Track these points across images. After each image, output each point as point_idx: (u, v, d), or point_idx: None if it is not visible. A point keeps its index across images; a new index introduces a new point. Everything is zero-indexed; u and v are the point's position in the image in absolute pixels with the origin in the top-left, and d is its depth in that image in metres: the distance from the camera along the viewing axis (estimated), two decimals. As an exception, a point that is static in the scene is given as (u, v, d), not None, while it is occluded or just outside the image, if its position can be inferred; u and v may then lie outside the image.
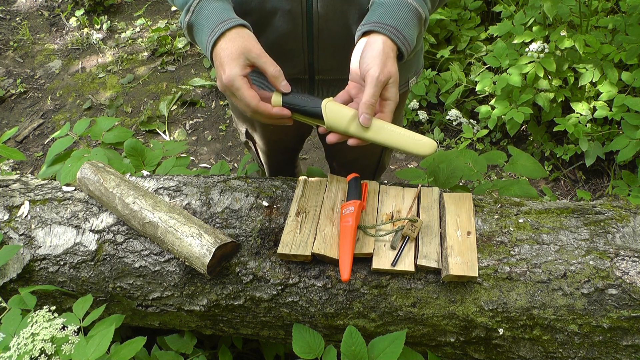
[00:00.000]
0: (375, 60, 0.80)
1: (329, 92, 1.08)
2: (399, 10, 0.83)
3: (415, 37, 0.85)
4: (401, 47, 0.83)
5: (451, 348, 1.05)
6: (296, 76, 1.06)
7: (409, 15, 0.83)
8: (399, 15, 0.82)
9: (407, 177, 1.43)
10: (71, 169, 1.29)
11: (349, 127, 0.86)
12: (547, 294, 0.94)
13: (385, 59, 0.80)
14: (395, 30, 0.82)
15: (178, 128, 2.85)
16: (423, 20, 0.85)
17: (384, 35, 0.82)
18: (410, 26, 0.83)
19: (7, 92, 3.21)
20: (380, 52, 0.80)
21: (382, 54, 0.80)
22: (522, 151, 1.47)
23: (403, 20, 0.82)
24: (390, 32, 0.82)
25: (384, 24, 0.82)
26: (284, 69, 1.05)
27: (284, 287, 1.02)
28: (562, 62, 2.04)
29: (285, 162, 1.60)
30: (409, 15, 0.83)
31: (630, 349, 0.94)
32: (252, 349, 1.49)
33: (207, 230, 1.01)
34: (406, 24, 0.83)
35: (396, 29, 0.82)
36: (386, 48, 0.81)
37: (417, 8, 0.83)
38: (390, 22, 0.82)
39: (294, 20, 0.94)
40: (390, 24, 0.82)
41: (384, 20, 0.82)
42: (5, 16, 3.84)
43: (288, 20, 0.94)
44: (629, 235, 0.98)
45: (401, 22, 0.82)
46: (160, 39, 3.36)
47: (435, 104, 2.62)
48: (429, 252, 0.98)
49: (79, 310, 1.02)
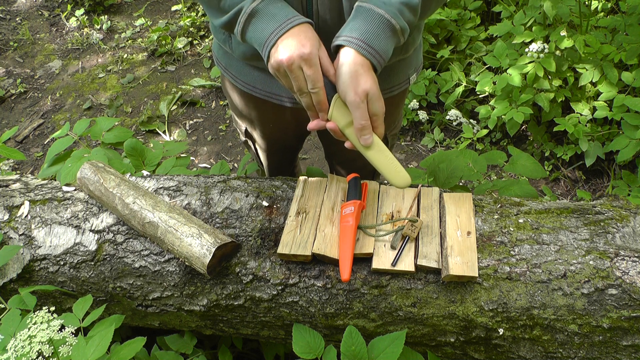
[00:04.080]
0: (349, 85, 0.81)
1: None
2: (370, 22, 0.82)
3: (389, 48, 0.84)
4: (372, 60, 0.82)
5: (451, 348, 1.05)
6: None
7: (380, 27, 0.82)
8: (368, 28, 0.82)
9: (407, 177, 1.42)
10: (71, 169, 1.29)
11: (347, 128, 0.88)
12: (547, 294, 0.94)
13: (357, 78, 0.81)
14: (364, 43, 0.81)
15: (178, 128, 2.86)
16: (398, 30, 0.84)
17: (352, 50, 0.81)
18: (382, 39, 0.82)
19: (7, 92, 3.21)
20: (350, 73, 0.81)
21: (352, 74, 0.81)
22: (522, 151, 1.47)
23: (373, 33, 0.82)
24: (359, 46, 0.81)
25: (353, 37, 0.82)
26: None
27: (284, 287, 1.02)
28: (562, 62, 2.04)
29: (285, 161, 1.60)
30: (380, 27, 0.82)
31: (630, 349, 0.94)
32: (252, 349, 1.49)
33: (207, 230, 1.01)
34: (377, 36, 0.82)
35: (365, 42, 0.81)
36: (356, 65, 0.81)
37: (390, 20, 0.82)
38: (359, 35, 0.81)
39: None
40: (360, 37, 0.81)
41: (354, 34, 0.82)
42: (5, 16, 3.84)
43: None
44: (629, 235, 0.98)
45: (371, 35, 0.81)
46: (160, 39, 3.36)
47: (435, 104, 2.62)
48: (429, 252, 0.98)
49: (78, 311, 1.02)
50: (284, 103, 1.14)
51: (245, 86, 1.17)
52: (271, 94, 1.14)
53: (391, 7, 0.83)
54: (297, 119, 1.28)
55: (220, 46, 1.15)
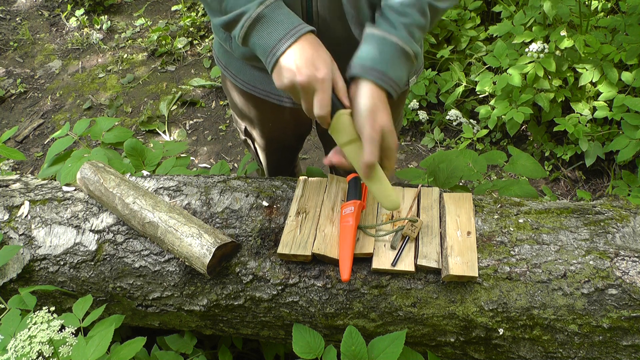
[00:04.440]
0: (367, 120, 0.81)
1: None
2: (385, 51, 0.82)
3: (404, 76, 0.84)
4: (389, 90, 0.83)
5: (451, 348, 1.05)
6: None
7: (395, 55, 0.82)
8: (384, 57, 0.82)
9: (407, 177, 1.43)
10: (71, 169, 1.29)
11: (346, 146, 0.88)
12: (547, 294, 0.94)
13: (374, 113, 0.81)
14: (381, 74, 0.81)
15: (178, 128, 2.86)
16: (412, 56, 0.84)
17: (370, 82, 0.82)
18: (397, 66, 0.82)
19: (7, 92, 3.21)
20: (368, 107, 0.81)
21: (370, 109, 0.81)
22: (522, 151, 1.47)
23: (389, 63, 0.82)
24: (377, 78, 0.81)
25: (370, 68, 0.82)
26: None
27: (284, 287, 1.02)
28: (562, 62, 2.04)
29: (285, 160, 1.60)
30: (395, 55, 0.82)
31: (630, 349, 0.94)
32: (252, 349, 1.49)
33: (207, 230, 1.01)
34: (392, 64, 0.82)
35: (382, 73, 0.81)
36: (374, 99, 0.81)
37: (404, 47, 0.82)
38: (376, 65, 0.82)
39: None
40: (376, 68, 0.81)
41: (370, 64, 0.82)
42: (5, 16, 3.84)
43: None
44: (629, 235, 0.98)
45: (387, 64, 0.82)
46: (160, 39, 3.36)
47: (435, 104, 2.62)
48: (429, 252, 0.98)
49: (78, 311, 1.02)
50: (284, 103, 1.14)
51: (245, 85, 1.17)
52: (270, 94, 1.14)
53: (402, 32, 0.82)
54: (297, 118, 1.28)
55: (220, 44, 1.15)
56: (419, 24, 0.84)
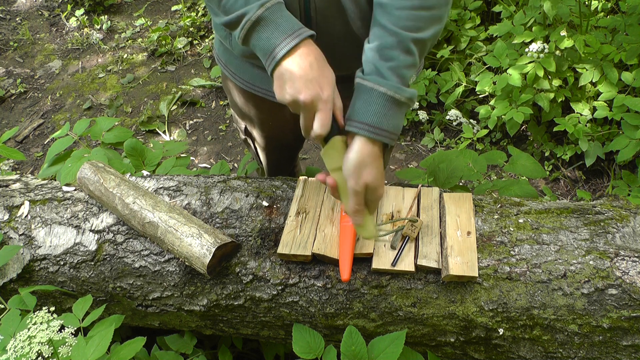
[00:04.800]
0: (352, 173, 0.83)
1: None
2: (375, 103, 0.81)
3: (398, 122, 0.84)
4: (384, 140, 0.83)
5: (451, 348, 1.05)
6: None
7: (386, 106, 0.82)
8: (375, 110, 0.81)
9: (407, 177, 1.43)
10: (71, 169, 1.29)
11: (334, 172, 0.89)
12: (547, 294, 0.94)
13: (360, 169, 0.83)
14: (373, 127, 0.82)
15: (178, 128, 2.85)
16: (405, 102, 0.83)
17: (362, 137, 0.82)
18: (390, 116, 0.82)
19: (7, 92, 3.21)
20: (355, 162, 0.83)
21: (357, 164, 0.83)
22: (522, 151, 1.47)
23: (381, 114, 0.81)
24: (369, 132, 0.82)
25: (361, 123, 0.82)
26: None
27: (284, 287, 1.02)
28: (562, 62, 2.04)
29: (284, 160, 1.60)
30: (386, 106, 0.82)
31: (630, 349, 0.94)
32: (252, 349, 1.49)
33: (207, 230, 1.01)
34: (385, 116, 0.82)
35: (374, 127, 0.82)
36: (363, 155, 0.82)
37: (394, 96, 0.81)
38: (367, 119, 0.82)
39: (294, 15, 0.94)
40: (367, 122, 0.81)
41: (362, 118, 0.82)
42: (5, 16, 3.84)
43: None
44: (629, 235, 0.98)
45: (378, 117, 0.81)
46: (160, 39, 3.36)
47: (435, 104, 2.62)
48: (429, 252, 0.98)
49: (78, 311, 1.02)
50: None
51: (244, 83, 1.17)
52: (269, 92, 1.14)
53: (391, 79, 0.81)
54: (296, 118, 1.27)
55: (221, 43, 1.15)
56: (407, 63, 0.82)
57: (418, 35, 0.82)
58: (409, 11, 0.81)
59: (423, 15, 0.82)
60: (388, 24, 0.82)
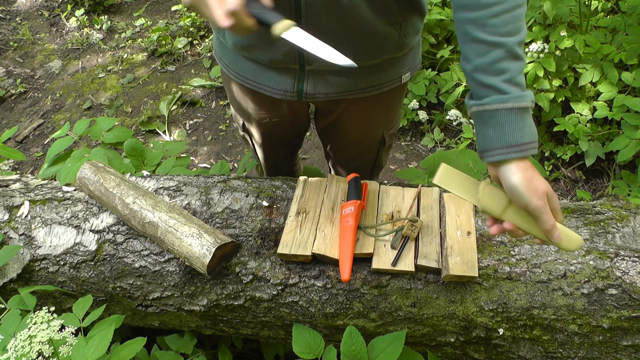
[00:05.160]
0: (529, 194, 0.76)
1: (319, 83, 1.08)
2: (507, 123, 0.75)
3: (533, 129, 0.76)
4: (531, 153, 0.76)
5: (451, 348, 1.05)
6: (287, 65, 1.07)
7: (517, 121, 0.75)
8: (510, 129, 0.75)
9: (407, 177, 1.43)
10: (71, 169, 1.29)
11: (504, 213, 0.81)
12: (547, 294, 0.94)
13: (531, 184, 0.76)
14: (516, 147, 0.75)
15: (178, 128, 2.85)
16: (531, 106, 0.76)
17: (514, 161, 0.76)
18: (525, 127, 0.75)
19: (7, 92, 3.21)
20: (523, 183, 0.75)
21: (526, 183, 0.75)
22: (522, 151, 1.47)
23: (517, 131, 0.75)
24: (517, 152, 0.75)
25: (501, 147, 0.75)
26: (275, 56, 1.05)
27: (284, 287, 1.02)
28: (562, 62, 2.04)
29: (283, 158, 1.59)
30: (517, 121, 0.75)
31: (630, 349, 0.94)
32: (252, 349, 1.49)
33: (207, 230, 1.01)
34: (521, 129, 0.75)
35: (516, 146, 0.75)
36: (525, 172, 0.76)
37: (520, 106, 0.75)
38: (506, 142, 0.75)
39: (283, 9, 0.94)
40: (509, 144, 0.75)
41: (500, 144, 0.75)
42: (5, 16, 3.84)
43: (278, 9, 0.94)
44: (629, 235, 0.98)
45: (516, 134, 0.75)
46: (160, 39, 3.36)
47: (435, 104, 2.61)
48: (429, 252, 0.98)
49: (78, 311, 1.02)
50: (274, 95, 1.13)
51: (238, 76, 1.17)
52: (261, 85, 1.13)
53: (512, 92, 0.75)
54: (294, 113, 1.27)
55: (217, 37, 1.16)
56: (519, 70, 0.76)
57: (520, 37, 0.77)
58: (505, 15, 0.75)
59: (518, 13, 0.76)
60: (488, 36, 0.75)
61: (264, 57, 1.06)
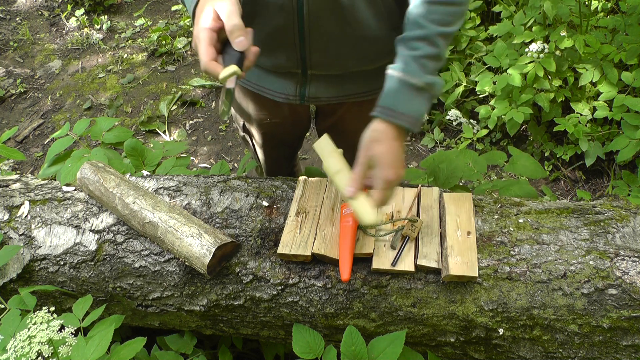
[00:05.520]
0: (362, 148, 0.87)
1: (321, 87, 1.08)
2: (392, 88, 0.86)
3: (417, 107, 0.85)
4: (402, 124, 0.84)
5: (451, 348, 1.05)
6: (289, 70, 1.07)
7: (400, 90, 0.85)
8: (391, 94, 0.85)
9: (407, 177, 1.43)
10: (71, 169, 1.29)
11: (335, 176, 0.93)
12: (547, 294, 0.94)
13: (372, 142, 0.86)
14: (389, 110, 0.85)
15: (178, 128, 2.85)
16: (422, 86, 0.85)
17: (378, 119, 0.86)
18: (406, 100, 0.85)
19: (7, 92, 3.21)
20: (367, 138, 0.86)
21: (368, 139, 0.86)
22: (522, 151, 1.47)
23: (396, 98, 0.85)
24: (384, 114, 0.85)
25: (379, 107, 0.86)
26: (278, 62, 1.05)
27: (284, 287, 1.02)
28: (562, 62, 2.04)
29: (283, 158, 1.59)
30: (400, 90, 0.85)
31: (630, 349, 0.94)
32: (252, 349, 1.49)
33: (207, 230, 1.01)
34: (401, 99, 0.85)
35: (389, 109, 0.85)
36: (374, 132, 0.86)
37: (410, 80, 0.84)
38: (384, 103, 0.86)
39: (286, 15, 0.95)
40: (385, 105, 0.85)
41: (381, 102, 0.86)
42: (5, 16, 3.84)
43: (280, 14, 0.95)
44: (629, 235, 0.98)
45: (394, 100, 0.85)
46: (160, 39, 3.36)
47: (435, 104, 2.62)
48: (429, 252, 0.98)
49: (78, 311, 1.02)
50: (276, 98, 1.13)
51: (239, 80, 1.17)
52: (263, 89, 1.14)
53: (411, 66, 0.84)
54: (294, 114, 1.28)
55: None
56: (430, 54, 0.85)
57: (444, 30, 0.85)
58: (440, 6, 0.84)
59: (452, 10, 0.85)
60: (418, 17, 0.85)
61: (267, 62, 1.07)
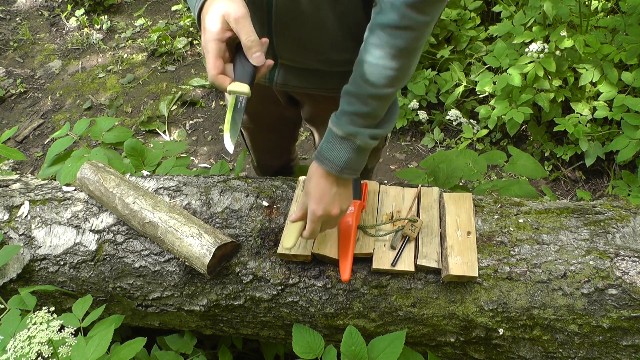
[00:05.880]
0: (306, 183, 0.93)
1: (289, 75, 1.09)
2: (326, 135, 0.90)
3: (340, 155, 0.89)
4: (323, 165, 0.89)
5: (451, 348, 1.05)
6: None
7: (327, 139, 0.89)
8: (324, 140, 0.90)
9: (407, 177, 1.43)
10: (71, 169, 1.29)
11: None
12: (547, 294, 0.94)
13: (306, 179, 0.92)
14: (319, 154, 0.90)
15: (178, 128, 2.85)
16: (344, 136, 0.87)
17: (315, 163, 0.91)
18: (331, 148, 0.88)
19: (7, 92, 3.21)
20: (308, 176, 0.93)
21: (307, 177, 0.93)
22: (522, 151, 1.47)
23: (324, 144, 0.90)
24: (315, 157, 0.91)
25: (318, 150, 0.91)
26: None
27: (284, 287, 1.02)
28: (562, 62, 2.04)
29: (273, 150, 1.56)
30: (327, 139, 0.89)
31: (630, 349, 0.94)
32: (252, 349, 1.49)
33: (207, 230, 1.01)
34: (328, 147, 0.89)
35: (319, 153, 0.90)
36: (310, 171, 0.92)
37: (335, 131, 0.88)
38: (320, 145, 0.91)
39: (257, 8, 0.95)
40: (319, 148, 0.91)
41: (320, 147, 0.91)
42: (5, 16, 3.84)
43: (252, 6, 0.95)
44: (629, 235, 0.98)
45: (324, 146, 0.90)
46: (160, 39, 3.36)
47: (435, 104, 2.61)
48: (429, 252, 0.98)
49: (78, 311, 1.02)
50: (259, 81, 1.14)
51: None
52: None
53: (340, 119, 0.88)
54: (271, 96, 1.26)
55: None
56: (360, 112, 0.87)
57: (376, 92, 0.85)
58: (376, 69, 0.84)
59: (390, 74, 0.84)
60: (356, 75, 0.86)
61: None
